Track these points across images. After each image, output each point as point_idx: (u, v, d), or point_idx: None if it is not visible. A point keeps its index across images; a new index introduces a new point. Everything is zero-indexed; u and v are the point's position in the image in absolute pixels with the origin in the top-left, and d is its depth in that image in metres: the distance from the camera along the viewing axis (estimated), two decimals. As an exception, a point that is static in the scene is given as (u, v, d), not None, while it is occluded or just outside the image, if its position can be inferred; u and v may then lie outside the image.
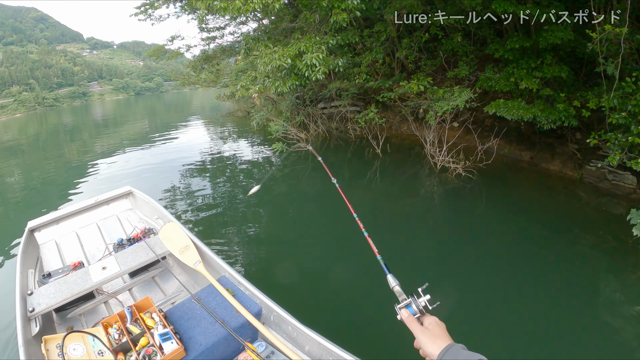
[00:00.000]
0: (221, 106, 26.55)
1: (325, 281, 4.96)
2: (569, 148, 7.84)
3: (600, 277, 4.75)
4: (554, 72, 6.87)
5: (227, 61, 18.13)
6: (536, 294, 4.39)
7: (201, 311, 2.80)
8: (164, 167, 10.95)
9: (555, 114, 6.80)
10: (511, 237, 5.71)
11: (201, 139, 15.97)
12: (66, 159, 14.51)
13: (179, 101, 53.94)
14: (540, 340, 3.64)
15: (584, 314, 4.09)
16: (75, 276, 3.31)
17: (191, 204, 7.70)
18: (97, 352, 2.46)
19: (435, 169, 8.41)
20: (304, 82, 7.30)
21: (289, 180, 9.48)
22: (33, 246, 4.30)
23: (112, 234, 4.59)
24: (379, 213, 6.90)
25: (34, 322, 2.92)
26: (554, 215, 6.34)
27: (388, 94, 10.14)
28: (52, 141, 21.24)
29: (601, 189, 7.02)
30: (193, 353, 2.48)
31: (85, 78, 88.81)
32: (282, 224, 6.97)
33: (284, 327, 2.86)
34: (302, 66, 6.78)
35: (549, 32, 6.58)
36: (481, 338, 3.69)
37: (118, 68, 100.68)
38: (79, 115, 44.36)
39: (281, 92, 7.36)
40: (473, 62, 9.49)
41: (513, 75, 7.50)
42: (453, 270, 4.93)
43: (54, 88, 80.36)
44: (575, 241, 5.59)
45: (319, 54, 6.74)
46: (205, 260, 3.57)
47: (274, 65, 6.78)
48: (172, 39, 15.74)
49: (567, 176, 7.68)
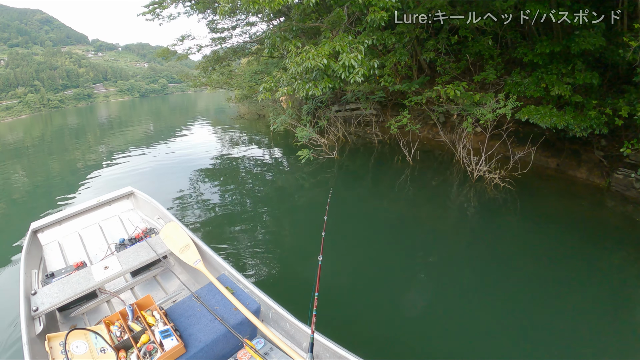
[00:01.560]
0: (227, 109, 26.52)
1: (329, 281, 5.00)
2: (595, 155, 7.62)
3: (631, 286, 4.67)
4: (586, 78, 6.69)
5: (238, 62, 17.89)
6: (573, 311, 4.25)
7: (201, 309, 2.86)
8: (172, 168, 11.04)
9: (586, 121, 6.63)
10: (550, 251, 5.46)
11: (211, 142, 15.65)
12: (70, 160, 14.63)
13: (184, 103, 54.25)
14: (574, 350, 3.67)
15: (617, 325, 4.04)
16: (78, 276, 3.37)
17: (196, 205, 7.75)
18: (99, 350, 2.51)
19: (472, 179, 7.92)
20: (337, 84, 6.84)
21: (290, 180, 9.53)
22: (36, 247, 4.38)
23: (114, 234, 4.66)
24: (414, 225, 6.63)
25: (38, 321, 2.99)
26: (585, 225, 6.20)
27: (415, 97, 9.57)
28: (56, 142, 21.39)
29: (629, 197, 6.81)
30: (193, 349, 2.53)
31: (90, 80, 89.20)
32: (288, 226, 7.00)
33: (282, 324, 2.90)
34: (338, 67, 6.22)
35: (582, 38, 6.39)
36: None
37: (123, 70, 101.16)
38: (84, 116, 44.64)
39: (312, 95, 6.83)
40: (499, 66, 9.07)
41: (543, 81, 7.26)
42: (488, 286, 4.79)
43: (59, 90, 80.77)
44: (607, 251, 5.42)
45: (357, 54, 6.16)
46: (205, 259, 3.63)
47: (307, 65, 6.24)
48: (183, 39, 15.44)
49: (594, 184, 7.43)
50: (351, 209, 7.30)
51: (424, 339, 3.83)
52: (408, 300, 4.47)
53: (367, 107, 12.20)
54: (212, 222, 6.92)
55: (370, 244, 5.95)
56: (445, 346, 3.71)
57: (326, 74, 6.67)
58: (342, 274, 4.87)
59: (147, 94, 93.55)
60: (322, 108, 13.15)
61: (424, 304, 4.39)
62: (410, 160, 9.36)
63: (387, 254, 5.63)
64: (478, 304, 4.33)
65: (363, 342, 3.63)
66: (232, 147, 13.76)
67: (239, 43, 16.14)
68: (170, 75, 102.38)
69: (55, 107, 73.08)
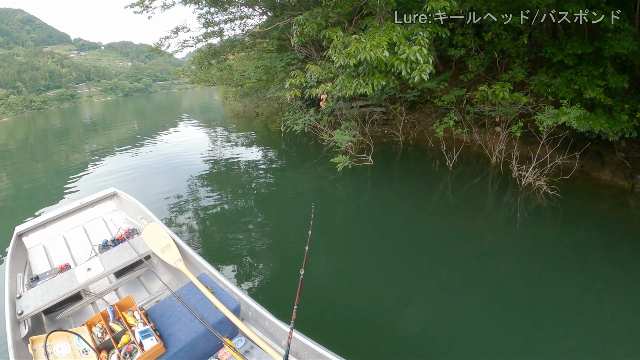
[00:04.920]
0: (217, 107, 25.82)
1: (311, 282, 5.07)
2: (616, 157, 7.58)
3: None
4: (618, 82, 6.59)
5: (223, 57, 16.41)
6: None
7: (181, 308, 2.91)
8: (162, 169, 10.99)
9: (618, 125, 6.59)
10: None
11: (214, 142, 15.03)
12: (55, 162, 14.49)
13: (169, 102, 53.53)
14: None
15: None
16: (61, 278, 3.42)
17: (184, 206, 7.77)
18: (81, 351, 2.57)
19: (519, 186, 7.46)
20: (392, 81, 5.95)
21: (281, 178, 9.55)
22: (21, 251, 4.40)
23: (97, 236, 4.70)
24: (471, 238, 6.05)
25: (23, 324, 3.03)
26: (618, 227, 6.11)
27: (447, 96, 9.12)
28: (40, 145, 21.12)
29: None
30: (173, 349, 2.58)
31: (73, 80, 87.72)
32: (271, 224, 7.02)
33: (262, 322, 2.98)
34: (398, 62, 5.31)
35: (615, 41, 6.27)
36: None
37: (106, 69, 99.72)
38: (68, 118, 43.96)
39: (362, 93, 5.89)
40: (526, 65, 8.65)
41: (575, 83, 7.10)
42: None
43: (42, 91, 79.38)
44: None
45: (422, 47, 5.27)
46: (185, 259, 3.70)
47: (363, 57, 5.28)
48: (177, 31, 14.20)
49: (617, 185, 7.37)
50: (401, 222, 6.78)
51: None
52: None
53: (397, 107, 11.23)
54: (200, 223, 6.99)
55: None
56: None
57: (378, 69, 5.75)
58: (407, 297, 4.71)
59: (131, 93, 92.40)
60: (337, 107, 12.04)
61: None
62: (450, 166, 8.74)
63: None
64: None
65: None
66: (237, 147, 13.37)
67: (235, 35, 15.50)
68: (154, 74, 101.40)
69: (38, 109, 71.74)
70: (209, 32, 14.70)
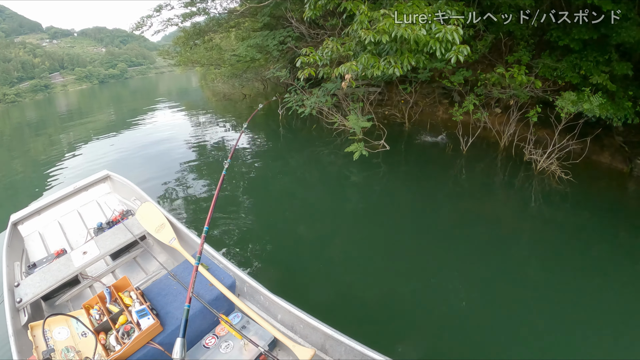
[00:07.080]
0: (197, 90, 25.20)
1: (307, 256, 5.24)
2: (615, 140, 7.70)
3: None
4: (622, 69, 6.65)
5: (212, 36, 16.15)
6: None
7: (177, 287, 2.95)
8: (148, 154, 10.98)
9: (621, 111, 6.70)
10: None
11: (205, 126, 14.58)
12: (35, 154, 14.16)
13: (148, 87, 52.23)
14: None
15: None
16: (58, 263, 3.44)
17: (175, 185, 7.95)
18: (80, 334, 2.60)
19: (534, 170, 7.54)
20: (422, 62, 5.58)
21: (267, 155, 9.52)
22: (17, 239, 4.39)
23: (92, 219, 4.69)
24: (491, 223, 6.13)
25: (23, 312, 3.06)
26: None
27: (455, 77, 8.92)
28: (17, 139, 20.55)
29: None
30: (170, 327, 2.62)
31: (47, 70, 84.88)
32: (262, 202, 7.16)
33: (257, 297, 3.04)
34: (433, 41, 4.96)
35: (623, 29, 6.26)
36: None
37: (80, 56, 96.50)
38: (43, 109, 42.56)
39: (391, 75, 5.54)
40: (530, 47, 8.48)
41: (581, 68, 7.10)
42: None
43: (15, 83, 76.62)
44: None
45: (457, 27, 4.91)
46: (180, 237, 3.73)
47: (399, 34, 4.92)
48: (160, 9, 13.50)
49: (617, 169, 7.55)
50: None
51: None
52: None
53: (407, 88, 10.89)
54: (193, 203, 7.14)
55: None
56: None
57: (409, 49, 5.35)
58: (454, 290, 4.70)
59: (107, 79, 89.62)
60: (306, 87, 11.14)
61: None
62: (464, 149, 8.69)
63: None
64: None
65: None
66: (228, 132, 13.08)
67: (221, 13, 14.93)
68: (130, 59, 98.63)
69: (12, 102, 69.25)
70: (194, 11, 14.15)
